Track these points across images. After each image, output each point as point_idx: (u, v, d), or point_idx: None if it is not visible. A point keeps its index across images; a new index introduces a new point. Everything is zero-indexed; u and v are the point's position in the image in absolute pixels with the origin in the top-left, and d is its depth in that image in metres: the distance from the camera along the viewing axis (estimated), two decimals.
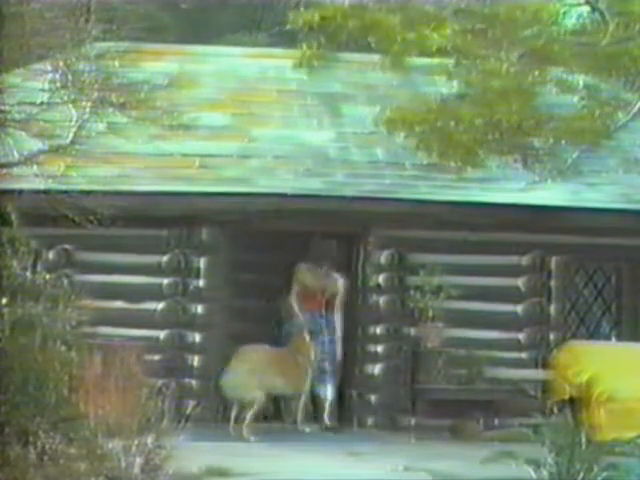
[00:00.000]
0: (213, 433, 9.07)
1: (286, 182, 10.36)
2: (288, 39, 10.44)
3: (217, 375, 9.90)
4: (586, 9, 10.78)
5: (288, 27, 10.00)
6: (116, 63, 9.26)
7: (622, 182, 10.98)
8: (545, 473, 6.78)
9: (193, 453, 6.80)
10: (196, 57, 12.63)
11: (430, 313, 10.39)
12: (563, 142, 9.54)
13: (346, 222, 10.36)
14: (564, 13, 10.52)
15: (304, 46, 9.32)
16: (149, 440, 6.04)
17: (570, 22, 11.15)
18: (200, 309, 10.30)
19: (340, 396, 10.52)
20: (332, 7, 9.12)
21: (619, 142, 10.44)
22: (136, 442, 5.96)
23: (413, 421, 10.28)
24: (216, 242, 10.35)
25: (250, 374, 9.66)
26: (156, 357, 9.93)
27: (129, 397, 6.72)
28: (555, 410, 9.63)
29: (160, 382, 8.42)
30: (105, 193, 9.17)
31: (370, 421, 10.38)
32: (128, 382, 7.05)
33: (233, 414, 9.67)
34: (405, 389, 10.34)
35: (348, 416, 10.50)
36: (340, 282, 10.49)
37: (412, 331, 10.48)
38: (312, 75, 9.97)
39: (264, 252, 10.71)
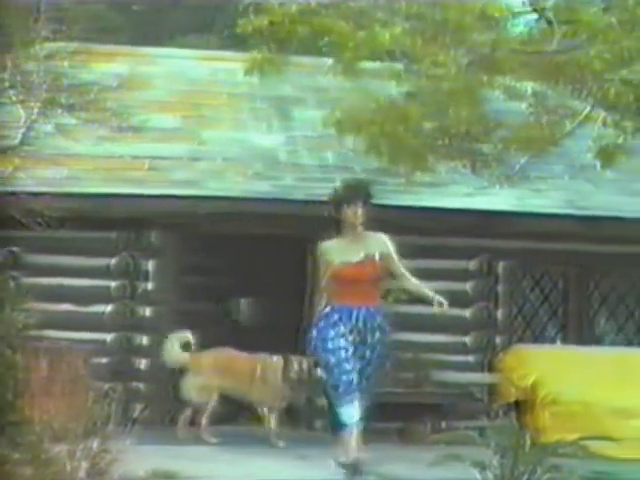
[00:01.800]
0: (161, 436, 9.05)
1: (236, 185, 10.36)
2: (239, 42, 10.43)
3: (172, 377, 9.84)
4: (534, 17, 10.87)
5: (239, 32, 9.99)
6: (65, 64, 9.21)
7: (568, 188, 11.13)
8: (490, 475, 6.85)
9: (140, 456, 6.77)
10: (147, 59, 12.62)
11: None
12: (511, 148, 9.63)
13: (296, 226, 10.38)
14: (513, 21, 10.63)
15: (254, 52, 9.30)
16: (95, 444, 6.02)
17: (518, 30, 11.24)
18: (148, 312, 10.28)
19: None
20: (281, 12, 9.11)
21: (565, 149, 10.56)
22: (81, 446, 5.94)
23: (361, 424, 10.30)
24: (165, 245, 10.33)
25: (205, 377, 9.59)
26: (103, 360, 9.90)
27: (75, 401, 6.68)
28: (500, 413, 9.77)
29: (107, 385, 8.39)
30: (53, 195, 9.12)
31: (319, 424, 10.40)
32: (74, 386, 7.02)
33: (185, 416, 9.62)
34: None
35: (297, 419, 10.52)
36: None
37: None
38: (262, 78, 9.97)
39: (213, 255, 10.72)
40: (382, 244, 7.95)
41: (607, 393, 9.81)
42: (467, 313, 10.86)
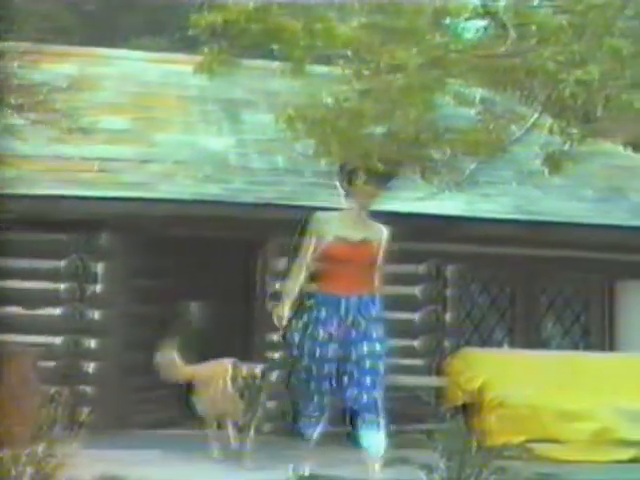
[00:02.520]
0: (108, 441, 8.99)
1: (185, 188, 10.34)
2: (191, 44, 10.42)
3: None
4: (484, 22, 10.95)
5: (190, 32, 9.96)
6: (15, 64, 9.14)
7: (516, 194, 11.24)
8: (437, 478, 6.90)
9: (87, 461, 6.73)
10: (98, 60, 12.55)
11: None
12: (459, 154, 9.69)
13: (245, 229, 10.38)
14: (463, 25, 10.72)
15: (205, 50, 9.27)
16: (40, 449, 5.97)
17: (469, 35, 11.34)
18: (97, 315, 10.22)
19: None
20: (236, 10, 9.08)
21: (514, 155, 10.66)
22: (27, 451, 5.89)
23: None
24: (115, 247, 10.27)
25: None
26: (51, 364, 9.82)
27: (22, 405, 6.62)
28: (448, 416, 9.81)
29: (53, 389, 8.33)
30: (2, 196, 9.05)
31: (268, 428, 10.40)
32: (21, 389, 6.95)
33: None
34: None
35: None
36: None
37: None
38: (213, 81, 9.96)
39: (163, 258, 10.68)
40: (382, 237, 6.95)
41: (553, 396, 9.91)
42: (416, 317, 10.92)
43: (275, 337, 10.47)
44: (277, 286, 10.55)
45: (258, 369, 8.48)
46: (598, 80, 8.39)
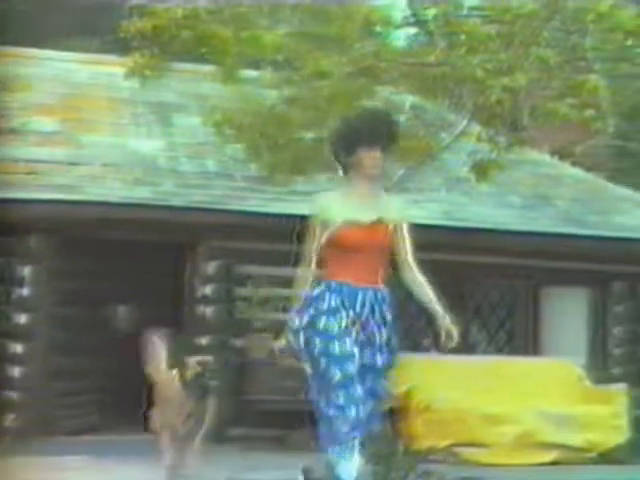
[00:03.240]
0: (34, 447, 8.90)
1: (115, 190, 10.28)
2: (122, 46, 10.37)
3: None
4: (414, 30, 11.06)
5: (122, 36, 9.92)
6: None
7: (444, 200, 11.35)
8: None
9: (11, 468, 6.66)
10: (28, 60, 12.43)
11: (257, 324, 10.48)
12: (389, 160, 9.75)
13: (175, 232, 10.34)
14: (395, 33, 10.80)
15: (136, 55, 9.24)
16: None
17: (399, 42, 11.43)
18: (23, 319, 10.10)
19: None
20: (165, 16, 9.07)
21: (442, 162, 10.77)
22: None
23: (240, 432, 10.31)
24: (42, 250, 10.16)
25: None
26: None
27: None
28: None
29: None
30: None
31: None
32: None
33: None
34: (232, 400, 10.38)
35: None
36: None
37: (239, 342, 10.54)
38: (144, 84, 9.93)
39: (91, 261, 10.59)
40: (399, 211, 5.56)
41: (478, 400, 10.02)
42: None
43: (204, 341, 10.51)
44: (207, 290, 10.57)
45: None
46: (525, 88, 8.53)
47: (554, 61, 8.54)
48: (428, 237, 10.81)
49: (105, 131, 11.25)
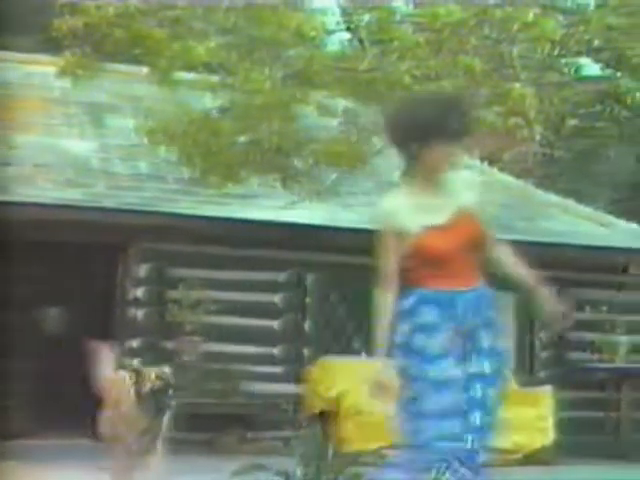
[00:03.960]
0: None
1: (46, 191, 10.20)
2: (55, 45, 10.29)
3: None
4: (347, 35, 11.13)
5: (54, 34, 9.84)
6: None
7: (377, 204, 11.40)
8: None
9: None
10: None
11: (188, 327, 10.48)
12: (321, 164, 9.82)
13: (106, 234, 10.29)
14: (327, 39, 10.86)
15: (67, 54, 9.16)
16: None
17: (332, 47, 11.49)
18: None
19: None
20: (97, 15, 8.99)
21: (375, 166, 10.84)
22: None
23: (168, 436, 10.27)
24: None
25: None
26: None
27: None
28: (305, 423, 9.92)
29: None
30: None
31: None
32: None
33: None
34: None
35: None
36: None
37: (170, 345, 10.52)
38: (76, 83, 9.85)
39: (21, 263, 10.49)
40: (473, 189, 4.81)
41: None
42: (276, 325, 11.01)
43: (135, 343, 10.47)
44: (138, 292, 10.54)
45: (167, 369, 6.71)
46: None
47: (481, 69, 8.65)
48: (359, 241, 10.96)
49: (37, 131, 11.15)
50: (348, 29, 10.32)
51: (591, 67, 9.94)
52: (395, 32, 9.30)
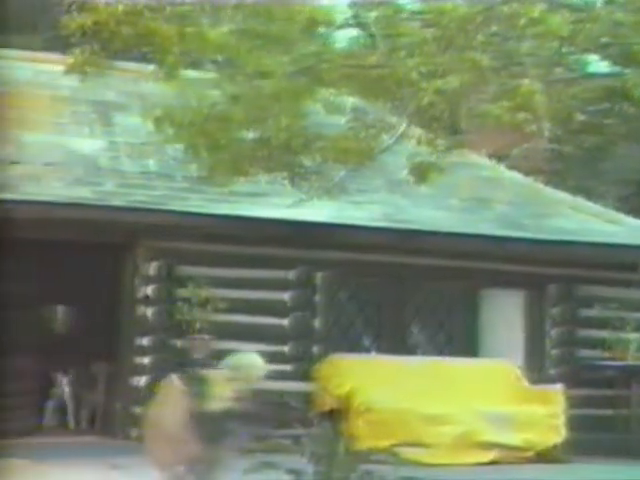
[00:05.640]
0: None
1: (55, 190, 10.20)
2: (64, 44, 10.28)
3: None
4: (355, 32, 11.09)
5: (63, 32, 9.83)
6: None
7: (385, 202, 11.43)
8: None
9: None
10: None
11: (197, 325, 10.47)
12: (329, 161, 9.79)
13: (115, 232, 10.30)
14: (336, 34, 10.84)
15: (76, 51, 9.15)
16: None
17: (340, 44, 11.47)
18: None
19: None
20: (106, 12, 8.98)
21: (383, 164, 10.82)
22: None
23: None
24: None
25: None
26: None
27: None
28: (316, 421, 9.91)
29: None
30: None
31: (135, 433, 10.32)
32: None
33: None
34: None
35: (113, 428, 10.41)
36: None
37: (179, 343, 10.52)
38: (85, 82, 9.83)
39: (30, 261, 10.49)
40: None
41: (419, 401, 10.10)
42: (285, 322, 11.00)
43: (144, 341, 10.48)
44: (147, 290, 10.54)
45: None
46: (459, 92, 8.61)
47: (489, 65, 8.63)
48: (368, 239, 10.99)
49: (46, 130, 11.15)
50: (357, 25, 10.28)
51: (599, 64, 9.91)
52: (403, 29, 9.28)
